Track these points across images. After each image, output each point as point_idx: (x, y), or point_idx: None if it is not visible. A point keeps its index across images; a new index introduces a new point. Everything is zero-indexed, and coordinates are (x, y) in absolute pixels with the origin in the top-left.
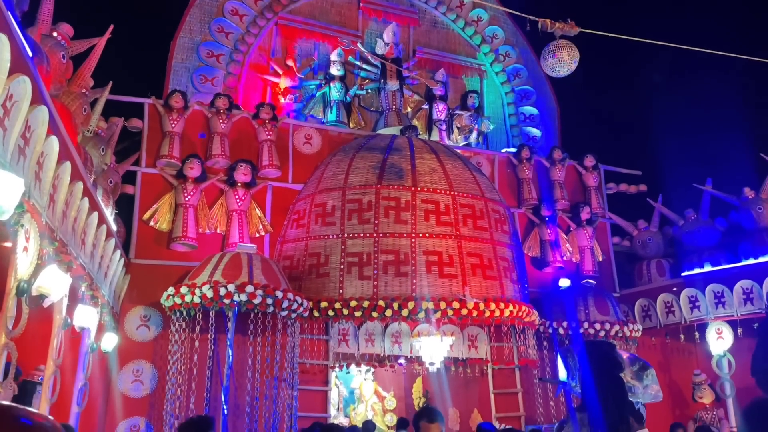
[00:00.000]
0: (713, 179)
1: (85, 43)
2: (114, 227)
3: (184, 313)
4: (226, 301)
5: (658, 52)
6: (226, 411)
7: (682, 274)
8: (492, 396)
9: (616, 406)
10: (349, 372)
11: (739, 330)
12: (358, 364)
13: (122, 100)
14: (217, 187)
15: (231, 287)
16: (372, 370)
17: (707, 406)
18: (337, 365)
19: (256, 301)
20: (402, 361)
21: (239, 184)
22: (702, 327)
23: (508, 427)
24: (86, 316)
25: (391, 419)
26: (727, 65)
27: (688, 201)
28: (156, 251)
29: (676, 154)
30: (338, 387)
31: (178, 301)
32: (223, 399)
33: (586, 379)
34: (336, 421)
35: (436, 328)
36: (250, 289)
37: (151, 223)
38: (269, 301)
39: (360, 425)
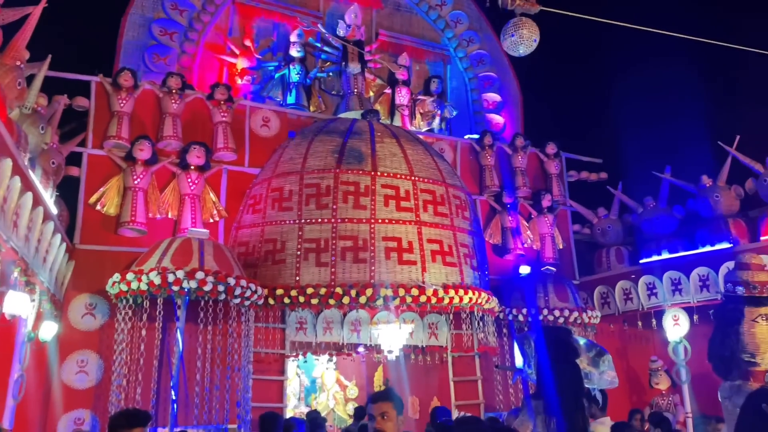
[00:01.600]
0: (672, 167)
1: (18, 12)
2: (54, 210)
3: (131, 300)
4: (175, 288)
5: (621, 38)
6: (175, 402)
7: (641, 261)
8: (452, 384)
9: (572, 392)
10: (306, 361)
11: (695, 317)
12: (315, 353)
13: (68, 78)
14: (169, 170)
15: (180, 273)
16: (334, 359)
17: (663, 392)
18: (293, 354)
19: (207, 288)
20: (361, 349)
21: (192, 167)
22: (659, 314)
23: (467, 414)
24: (18, 303)
25: (353, 408)
26: (689, 51)
27: (648, 189)
28: (103, 236)
29: (636, 142)
30: (299, 376)
31: (124, 288)
32: (172, 390)
33: (542, 365)
34: (297, 411)
35: (395, 316)
36: (200, 275)
37: (98, 207)
38: (221, 288)
39: (322, 414)
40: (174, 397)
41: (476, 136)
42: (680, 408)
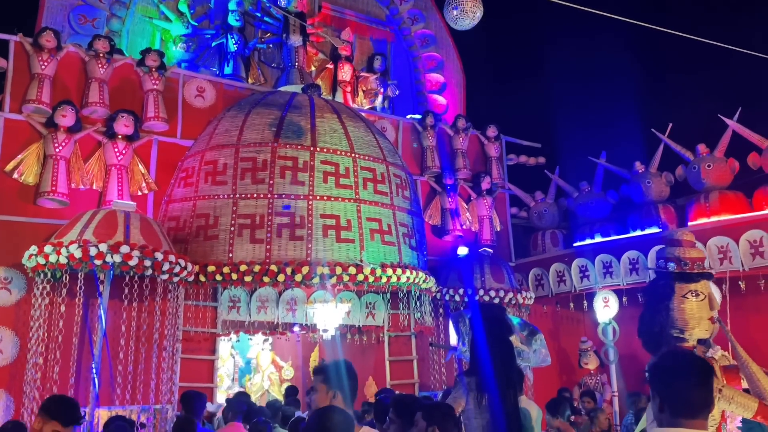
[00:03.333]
0: (607, 153)
1: None
2: None
3: (49, 275)
4: (98, 262)
5: (561, 21)
6: (97, 381)
7: (574, 244)
8: (387, 363)
9: (505, 369)
10: (239, 340)
11: (625, 299)
12: (248, 332)
13: None
14: (95, 139)
15: (103, 247)
16: (270, 339)
17: (592, 371)
18: (225, 333)
19: (132, 263)
20: (296, 329)
21: (120, 137)
22: (590, 296)
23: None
24: None
25: (286, 388)
26: (626, 38)
27: (584, 174)
28: (20, 207)
29: (574, 127)
30: (234, 357)
31: (41, 261)
32: (94, 369)
33: (477, 342)
34: (230, 392)
35: (332, 295)
36: (125, 249)
37: (15, 176)
38: (147, 263)
39: (254, 396)
40: (95, 377)
41: (419, 117)
42: (607, 387)
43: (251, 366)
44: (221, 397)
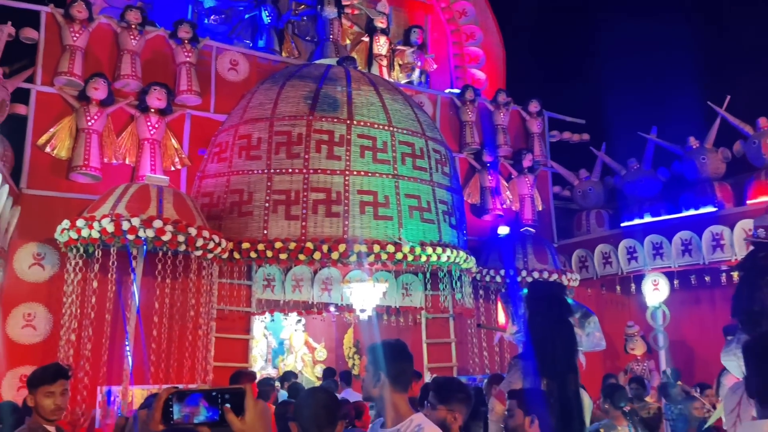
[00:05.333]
0: (659, 128)
1: None
2: None
3: (82, 250)
4: (130, 237)
5: None
6: (130, 360)
7: (622, 224)
8: (424, 346)
9: (566, 352)
10: (273, 320)
11: (676, 282)
12: (283, 311)
13: (15, 6)
14: (127, 113)
15: (136, 221)
16: (303, 320)
17: (638, 357)
18: (260, 312)
19: (166, 237)
20: (332, 309)
21: (152, 110)
22: (638, 278)
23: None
24: None
25: (321, 370)
26: (679, 5)
27: (632, 150)
28: (53, 182)
29: (622, 101)
30: (267, 338)
31: (74, 236)
32: (127, 347)
33: (534, 322)
34: (264, 373)
35: (368, 274)
36: (158, 224)
37: (47, 150)
38: (181, 238)
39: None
40: (129, 354)
41: (457, 91)
42: (655, 374)
43: (284, 347)
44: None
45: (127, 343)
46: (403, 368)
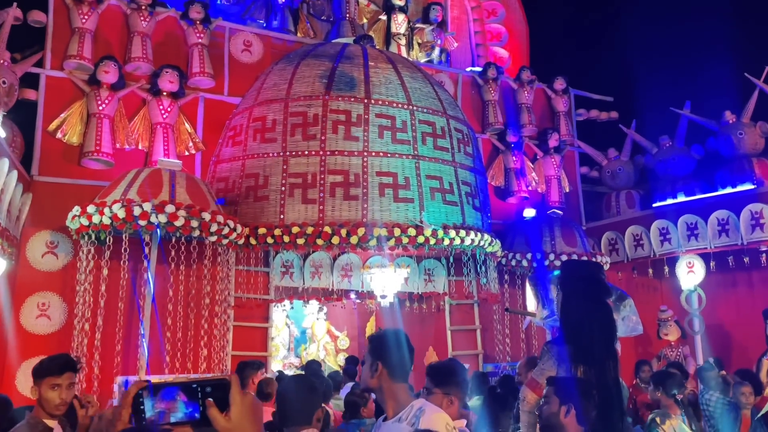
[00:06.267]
0: (692, 102)
1: None
2: (2, 133)
3: (93, 237)
4: (142, 222)
5: None
6: (146, 349)
7: (654, 205)
8: (449, 333)
9: (604, 336)
10: (293, 307)
11: (712, 263)
12: (302, 298)
13: None
14: (139, 97)
15: (147, 206)
16: (324, 309)
17: (672, 343)
18: (278, 299)
19: (178, 223)
20: (352, 295)
21: (164, 94)
22: (672, 261)
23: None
24: None
25: (344, 359)
26: None
27: (664, 127)
28: (64, 168)
29: (652, 75)
30: (289, 327)
31: (84, 222)
32: (142, 336)
33: (570, 305)
34: (287, 362)
35: (389, 259)
36: (170, 208)
37: (59, 135)
38: (194, 223)
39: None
40: (144, 344)
41: (479, 69)
42: (690, 360)
43: (306, 336)
44: (276, 367)
45: (142, 332)
46: (401, 358)
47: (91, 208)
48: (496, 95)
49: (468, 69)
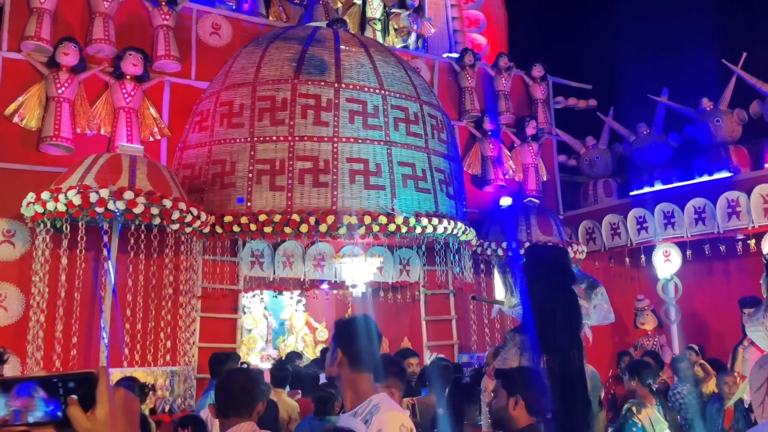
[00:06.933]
0: (670, 90)
1: None
2: None
3: (49, 224)
4: (99, 209)
5: None
6: (106, 341)
7: (631, 193)
8: (424, 323)
9: (568, 324)
10: (262, 299)
11: (689, 252)
12: (270, 288)
13: None
14: (101, 80)
15: (104, 192)
16: (303, 300)
17: (649, 332)
18: (246, 289)
19: (138, 210)
20: (324, 286)
21: (128, 77)
22: (649, 250)
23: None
24: None
25: (320, 351)
26: None
27: (642, 115)
28: (22, 154)
29: (631, 62)
30: (267, 318)
31: (39, 209)
32: (102, 327)
33: (533, 291)
34: (265, 354)
35: (362, 249)
36: (129, 195)
37: (16, 120)
38: (155, 211)
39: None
40: (104, 335)
41: (456, 56)
42: (667, 349)
43: (285, 327)
44: (253, 359)
45: (102, 323)
46: (364, 347)
47: (45, 195)
48: (473, 82)
49: (445, 55)
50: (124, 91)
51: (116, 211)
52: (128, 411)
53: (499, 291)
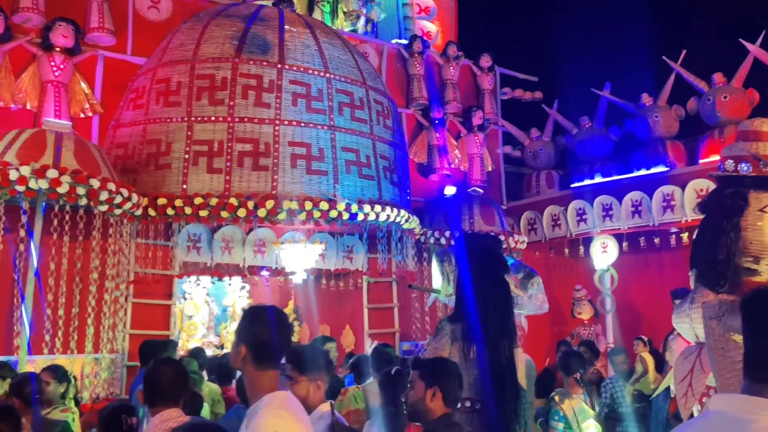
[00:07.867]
0: (613, 85)
1: None
2: None
3: None
4: (20, 188)
5: None
6: (27, 327)
7: (572, 185)
8: (366, 311)
9: (499, 314)
10: (218, 280)
11: (625, 244)
12: (206, 273)
13: None
14: (28, 51)
15: (25, 170)
16: (247, 286)
17: (585, 322)
18: (179, 274)
19: (62, 190)
20: (264, 272)
21: (57, 49)
22: (587, 241)
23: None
24: None
25: None
26: None
27: (586, 108)
28: None
29: (576, 56)
30: (209, 305)
31: None
32: (24, 313)
33: (465, 280)
34: (206, 341)
35: (304, 235)
36: (52, 173)
37: None
38: (81, 191)
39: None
40: (26, 322)
41: (404, 42)
42: (602, 338)
43: (227, 314)
44: (194, 345)
45: (23, 309)
46: (268, 340)
47: None
48: (422, 69)
49: (394, 41)
50: (52, 63)
51: (39, 190)
52: None
53: (437, 279)
